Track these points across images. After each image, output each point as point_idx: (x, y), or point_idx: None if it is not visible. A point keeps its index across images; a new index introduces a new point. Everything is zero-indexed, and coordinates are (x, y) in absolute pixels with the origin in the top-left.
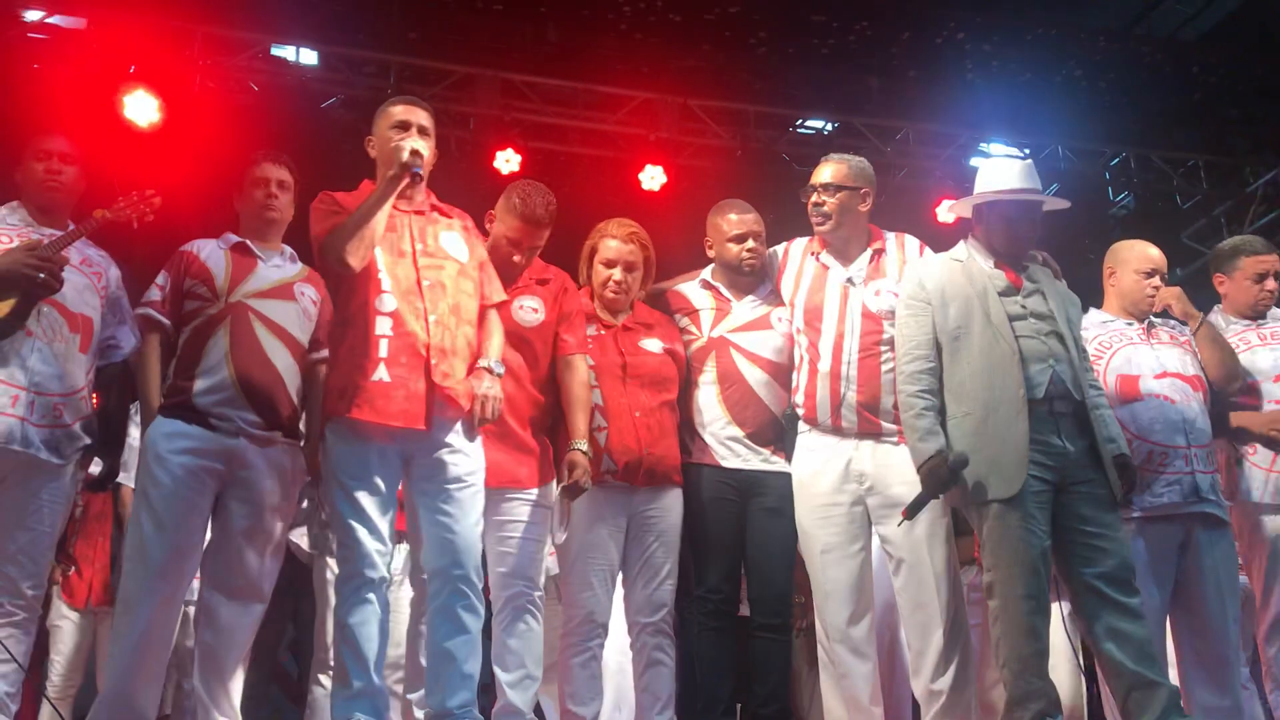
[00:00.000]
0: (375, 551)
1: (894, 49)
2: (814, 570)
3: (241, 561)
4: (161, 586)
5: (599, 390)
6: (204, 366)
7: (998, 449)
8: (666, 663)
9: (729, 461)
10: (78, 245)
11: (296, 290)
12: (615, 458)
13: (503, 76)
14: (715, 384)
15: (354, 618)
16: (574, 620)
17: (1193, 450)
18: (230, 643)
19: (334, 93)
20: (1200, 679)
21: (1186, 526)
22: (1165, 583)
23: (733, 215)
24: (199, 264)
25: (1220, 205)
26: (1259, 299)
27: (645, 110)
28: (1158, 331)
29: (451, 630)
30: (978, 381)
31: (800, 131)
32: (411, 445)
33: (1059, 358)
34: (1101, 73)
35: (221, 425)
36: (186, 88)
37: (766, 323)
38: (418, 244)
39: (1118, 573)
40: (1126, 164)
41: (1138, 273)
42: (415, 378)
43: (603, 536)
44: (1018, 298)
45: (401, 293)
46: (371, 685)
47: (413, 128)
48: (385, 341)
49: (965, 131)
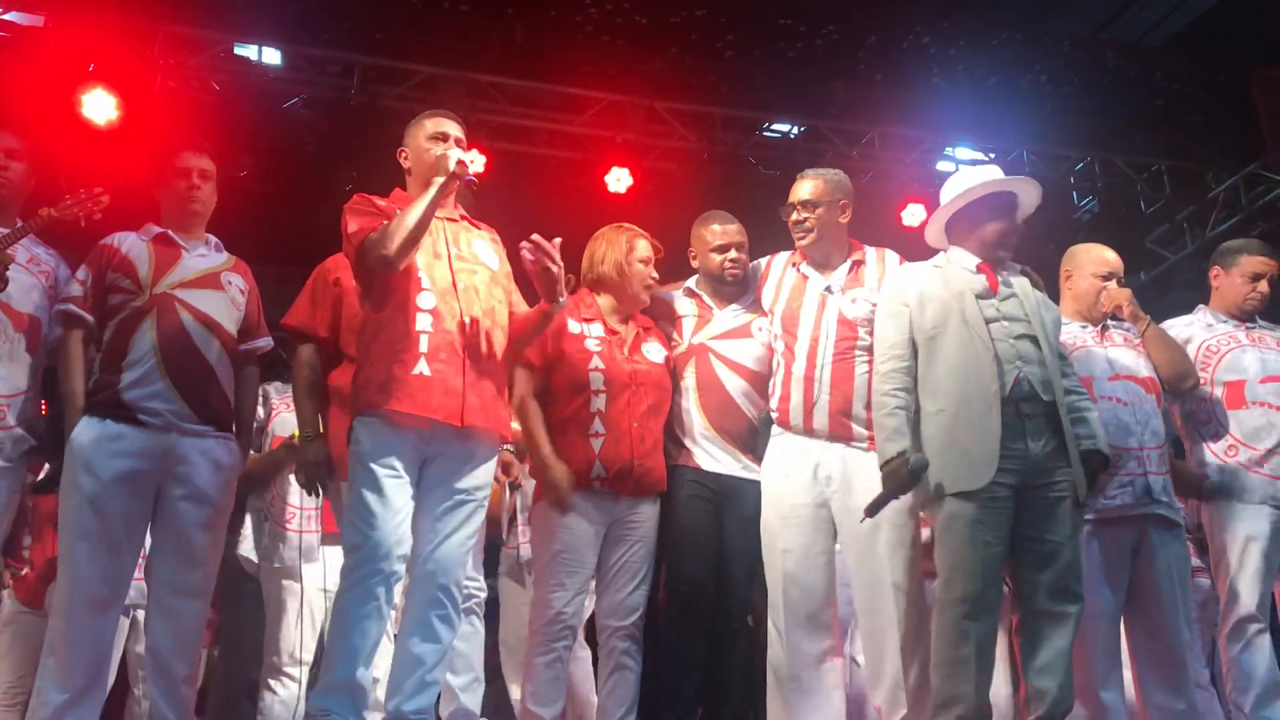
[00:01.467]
0: (394, 543)
1: (860, 53)
2: (772, 570)
3: (187, 557)
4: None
5: (604, 397)
6: (131, 359)
7: (969, 442)
8: (633, 668)
9: (708, 465)
10: (25, 244)
11: (224, 279)
12: (607, 466)
13: (469, 77)
14: (695, 390)
15: (357, 609)
16: (543, 619)
17: (1145, 451)
18: (181, 642)
19: (297, 92)
20: (1155, 681)
21: (1139, 528)
22: (1119, 586)
23: (716, 226)
24: (121, 256)
25: (1183, 210)
26: (1248, 298)
27: (612, 112)
28: (1111, 334)
29: (425, 637)
30: (953, 379)
31: (767, 135)
32: (435, 446)
33: (1028, 360)
34: (1066, 78)
35: (151, 420)
36: (147, 86)
37: (747, 331)
38: (452, 248)
39: (1059, 580)
40: (1091, 169)
41: (1094, 276)
42: (454, 374)
43: (583, 540)
44: (994, 301)
45: (438, 293)
46: (354, 680)
47: (450, 139)
48: (426, 337)
49: (931, 135)
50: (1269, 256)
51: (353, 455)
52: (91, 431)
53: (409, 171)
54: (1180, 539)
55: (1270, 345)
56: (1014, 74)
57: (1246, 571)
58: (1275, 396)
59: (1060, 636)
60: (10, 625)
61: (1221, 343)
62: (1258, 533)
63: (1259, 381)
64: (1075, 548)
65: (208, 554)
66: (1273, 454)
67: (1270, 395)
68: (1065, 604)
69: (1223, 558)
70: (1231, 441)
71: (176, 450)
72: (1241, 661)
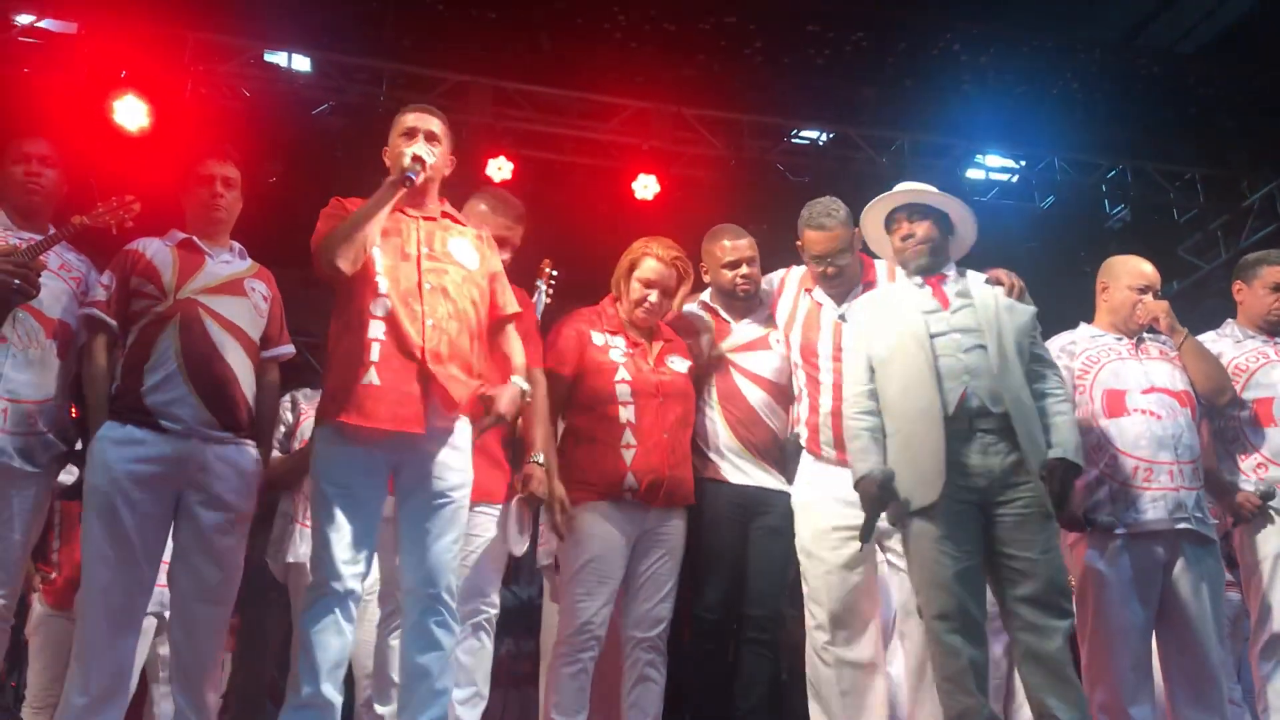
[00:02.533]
0: (344, 564)
1: (890, 59)
2: (816, 591)
3: (208, 564)
4: (110, 602)
5: (633, 408)
6: (153, 364)
7: (919, 459)
8: (657, 679)
9: (735, 478)
10: (57, 250)
11: (247, 286)
12: (639, 478)
13: (496, 84)
14: (718, 403)
15: (313, 626)
16: (569, 629)
17: (1179, 466)
18: (202, 648)
19: (326, 99)
20: (1186, 697)
21: (1172, 544)
22: (1150, 601)
23: (726, 242)
24: (145, 262)
25: (1216, 219)
26: (1271, 309)
27: (639, 119)
28: (1147, 346)
29: (425, 646)
30: (900, 399)
31: (795, 141)
32: (401, 453)
33: (976, 373)
34: (1098, 85)
35: (173, 426)
36: (177, 93)
37: (765, 344)
38: (423, 248)
39: (1040, 595)
40: (1123, 177)
41: (1130, 289)
42: (408, 382)
43: (612, 551)
44: (945, 315)
45: (400, 295)
46: (320, 696)
47: (419, 134)
48: (377, 345)
49: (961, 143)
50: None
51: (311, 470)
52: (113, 436)
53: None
54: (1214, 554)
55: None
56: (1045, 81)
57: (1278, 588)
58: None
59: (1050, 653)
60: (40, 629)
61: (1250, 359)
62: None
63: None
64: (1052, 563)
65: (229, 560)
66: None
67: None
68: (1049, 618)
69: (1254, 574)
70: (1261, 460)
71: (198, 457)
72: (1275, 680)
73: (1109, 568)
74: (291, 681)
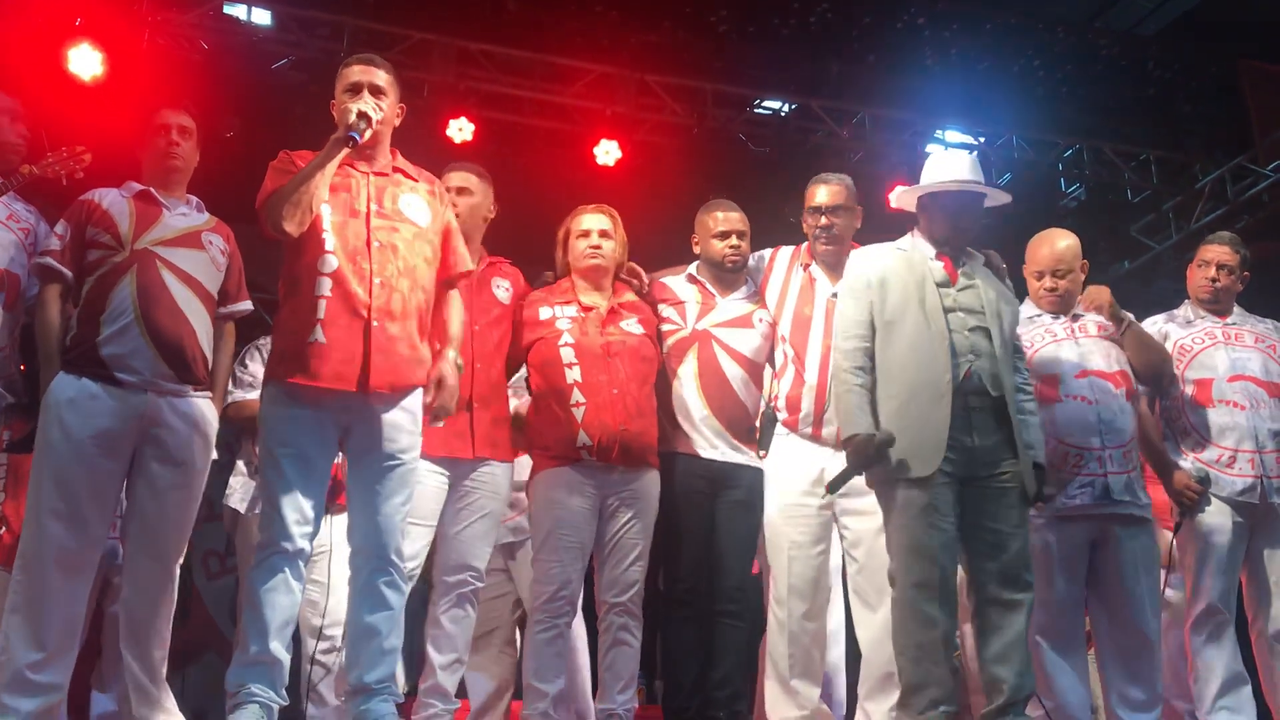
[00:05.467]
0: (294, 524)
1: (854, 33)
2: (779, 565)
3: (161, 519)
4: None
5: (578, 368)
6: (109, 316)
7: (918, 431)
8: (631, 643)
9: (706, 452)
10: (4, 201)
11: (205, 239)
12: (591, 434)
13: (458, 44)
14: (696, 376)
15: (262, 585)
16: (543, 596)
17: (1107, 451)
18: (154, 604)
19: (286, 54)
20: (1120, 671)
21: (1100, 525)
22: (1076, 576)
23: (719, 213)
24: (101, 211)
25: (1169, 200)
26: (1200, 285)
27: (602, 84)
28: (1085, 324)
29: (373, 606)
30: (906, 366)
31: (758, 112)
32: (350, 413)
33: (980, 353)
34: (1059, 64)
35: (129, 379)
36: (134, 44)
37: (749, 321)
38: (373, 204)
39: (1008, 569)
40: (1079, 156)
41: (1030, 275)
42: (354, 340)
43: (577, 514)
44: (951, 291)
45: (348, 253)
46: (268, 653)
47: (364, 89)
48: (324, 303)
49: (922, 118)
50: (1220, 244)
51: (259, 428)
52: (68, 389)
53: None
54: (1148, 532)
55: (1247, 343)
56: (1006, 59)
57: (1210, 565)
58: (1242, 395)
59: (1013, 624)
60: None
61: (1196, 340)
62: (1221, 527)
63: (1227, 380)
64: (1023, 537)
65: (182, 516)
66: (1238, 453)
67: (1237, 394)
68: (1016, 592)
69: (1187, 553)
70: (1198, 439)
71: (153, 411)
72: (1204, 653)
73: (1036, 541)
74: (240, 639)
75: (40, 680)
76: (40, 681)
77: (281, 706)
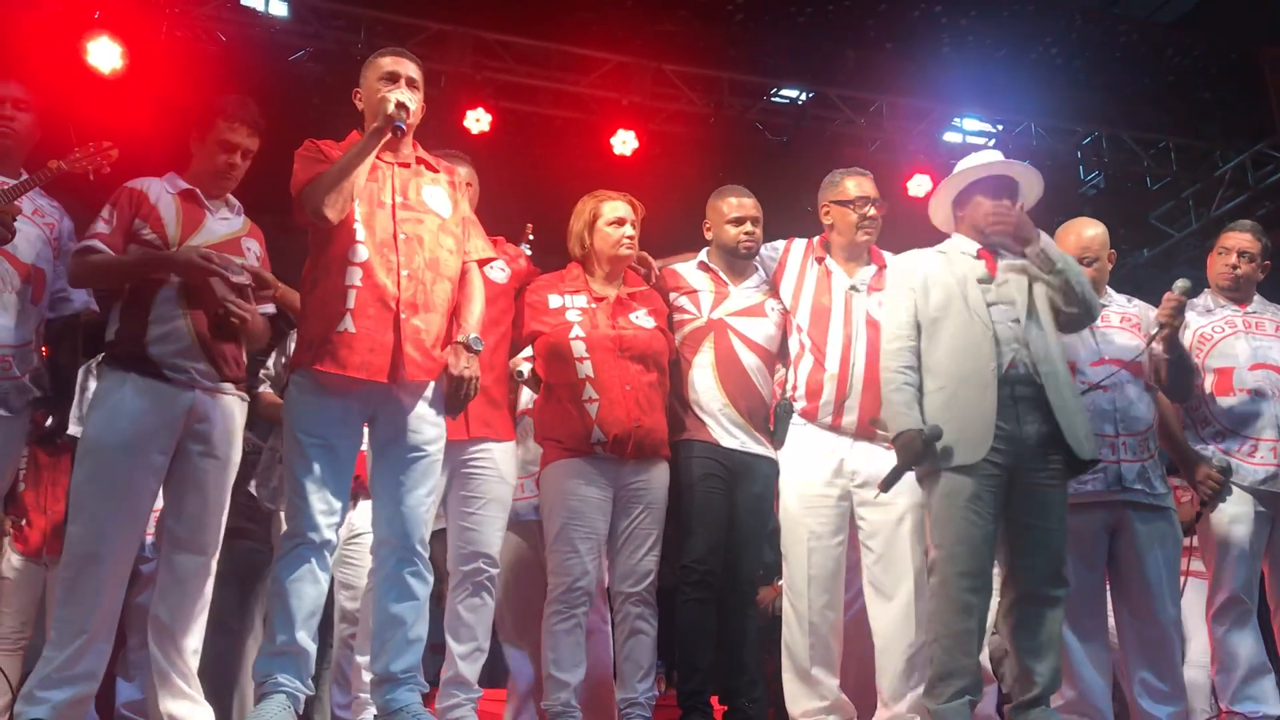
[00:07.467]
0: (319, 514)
1: (871, 21)
2: (797, 556)
3: (205, 512)
4: (103, 548)
5: (590, 363)
6: (156, 316)
7: (965, 418)
8: (648, 632)
9: (725, 440)
10: (31, 195)
11: (243, 245)
12: (606, 430)
13: (475, 34)
14: (713, 366)
15: (289, 575)
16: (560, 587)
17: (1121, 439)
18: (187, 598)
19: (303, 45)
20: (1141, 659)
21: (1116, 512)
22: (1095, 563)
23: (732, 199)
24: (149, 206)
25: (1189, 188)
26: (1220, 272)
27: (619, 74)
28: (1106, 313)
29: (399, 595)
30: (952, 359)
31: (774, 101)
32: (375, 404)
33: (1023, 343)
34: (1077, 51)
35: (177, 376)
36: (153, 36)
37: (761, 310)
38: (398, 196)
39: (1045, 565)
40: (1098, 143)
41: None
42: (383, 331)
43: (591, 506)
44: (992, 285)
45: (376, 244)
46: (295, 643)
47: (401, 79)
48: (354, 292)
49: (939, 106)
50: (1241, 231)
51: (284, 417)
52: (116, 385)
53: (365, 114)
54: (1167, 519)
55: (1268, 331)
56: (1024, 46)
57: (1231, 554)
58: (1264, 383)
59: (1052, 620)
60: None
61: (1216, 329)
62: (1242, 516)
63: (1248, 369)
64: (1064, 533)
65: (222, 509)
66: (1260, 442)
67: (1258, 382)
68: (1056, 588)
69: (1209, 542)
70: (1219, 428)
71: (199, 408)
72: (1227, 642)
73: None
74: (267, 630)
75: (74, 671)
76: (74, 673)
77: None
